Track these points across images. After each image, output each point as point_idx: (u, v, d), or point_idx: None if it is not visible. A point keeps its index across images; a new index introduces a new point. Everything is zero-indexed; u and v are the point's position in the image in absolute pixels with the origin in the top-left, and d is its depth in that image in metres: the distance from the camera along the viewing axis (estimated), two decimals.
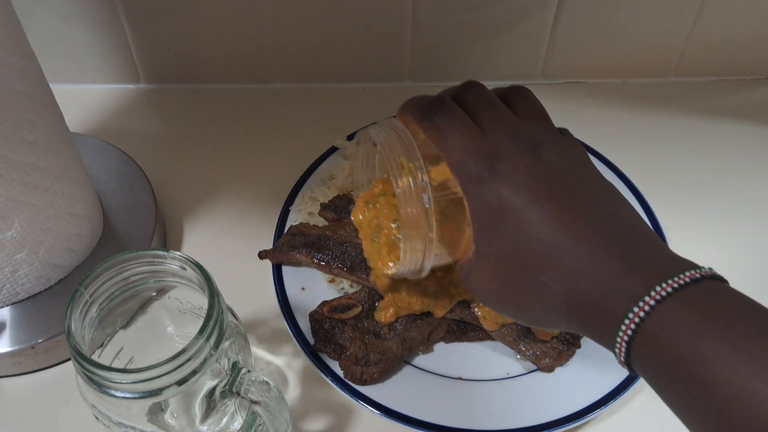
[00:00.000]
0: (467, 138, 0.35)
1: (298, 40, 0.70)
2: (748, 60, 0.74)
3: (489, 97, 0.37)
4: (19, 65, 0.44)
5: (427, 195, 0.36)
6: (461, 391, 0.48)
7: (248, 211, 0.62)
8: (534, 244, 0.33)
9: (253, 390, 0.37)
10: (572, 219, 0.33)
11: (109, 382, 0.33)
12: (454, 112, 0.36)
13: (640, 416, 0.49)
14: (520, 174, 0.34)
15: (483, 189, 0.34)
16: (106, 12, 0.67)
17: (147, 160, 0.62)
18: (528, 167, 0.34)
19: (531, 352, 0.49)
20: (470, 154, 0.34)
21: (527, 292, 0.34)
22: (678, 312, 0.29)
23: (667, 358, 0.29)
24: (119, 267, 0.37)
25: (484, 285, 0.36)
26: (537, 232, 0.33)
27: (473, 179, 0.34)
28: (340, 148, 0.63)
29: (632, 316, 0.30)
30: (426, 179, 0.36)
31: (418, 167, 0.37)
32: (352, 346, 0.48)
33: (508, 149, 0.34)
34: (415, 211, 0.37)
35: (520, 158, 0.34)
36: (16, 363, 0.50)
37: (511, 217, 0.33)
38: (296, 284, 0.53)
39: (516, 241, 0.33)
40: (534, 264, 0.33)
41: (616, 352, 0.31)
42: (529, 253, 0.33)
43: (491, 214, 0.34)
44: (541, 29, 0.70)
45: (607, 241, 0.32)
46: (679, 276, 0.30)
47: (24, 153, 0.45)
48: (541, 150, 0.35)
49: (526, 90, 0.39)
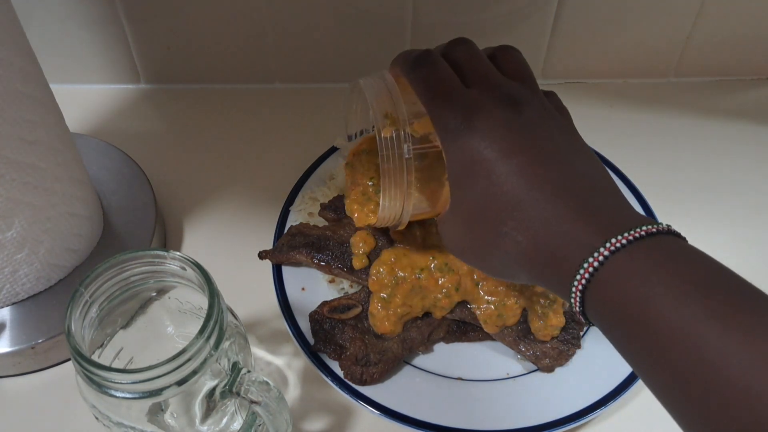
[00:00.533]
0: (449, 91, 0.36)
1: (298, 40, 0.70)
2: (748, 60, 0.74)
3: (476, 54, 0.38)
4: (19, 65, 0.44)
5: (407, 146, 0.37)
6: (461, 391, 0.48)
7: (248, 211, 0.62)
8: (500, 196, 0.34)
9: (253, 390, 0.37)
10: (537, 172, 0.34)
11: (109, 382, 0.33)
12: (439, 65, 0.37)
13: (640, 416, 0.49)
14: (495, 128, 0.34)
15: (459, 141, 0.35)
16: (106, 12, 0.67)
17: (147, 160, 0.62)
18: (504, 121, 0.35)
19: (531, 353, 0.49)
20: (450, 106, 0.35)
21: (491, 243, 0.35)
22: (631, 262, 0.30)
23: (616, 304, 0.30)
24: (119, 267, 0.37)
25: (454, 236, 0.38)
26: (504, 185, 0.34)
27: (450, 130, 0.35)
28: (340, 148, 0.63)
29: (587, 266, 0.31)
30: (408, 131, 0.37)
31: (402, 119, 0.38)
32: (352, 346, 0.48)
33: (488, 104, 0.35)
34: (394, 161, 0.38)
35: (498, 113, 0.35)
36: (16, 363, 0.50)
37: (483, 169, 0.34)
38: (296, 284, 0.53)
39: (485, 193, 0.34)
40: (499, 215, 0.34)
41: (572, 301, 0.32)
42: (495, 205, 0.34)
43: (466, 166, 0.35)
44: (541, 29, 0.70)
45: (568, 194, 0.33)
46: (635, 230, 0.30)
47: (24, 153, 0.45)
48: (520, 106, 0.35)
49: (514, 49, 0.39)
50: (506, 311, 0.48)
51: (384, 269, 0.48)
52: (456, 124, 0.35)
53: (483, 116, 0.35)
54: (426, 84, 0.37)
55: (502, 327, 0.49)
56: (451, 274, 0.48)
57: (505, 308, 0.48)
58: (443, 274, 0.48)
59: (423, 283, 0.48)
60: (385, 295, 0.48)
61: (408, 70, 0.38)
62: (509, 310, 0.48)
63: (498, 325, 0.49)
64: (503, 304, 0.48)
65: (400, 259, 0.49)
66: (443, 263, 0.48)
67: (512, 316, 0.48)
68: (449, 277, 0.48)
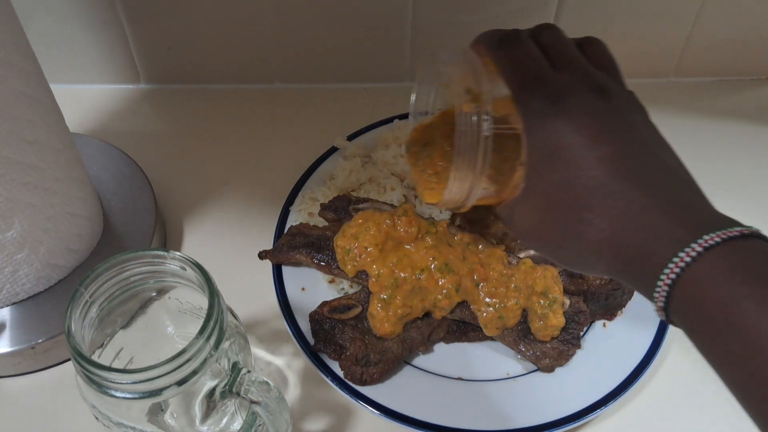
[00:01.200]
0: (537, 72, 0.35)
1: (298, 40, 0.70)
2: (748, 60, 0.74)
3: (564, 39, 0.37)
4: (19, 65, 0.44)
5: (487, 124, 0.35)
6: (461, 391, 0.48)
7: (248, 211, 0.62)
8: (585, 182, 0.33)
9: (253, 390, 0.37)
10: (626, 162, 0.33)
11: (109, 382, 0.33)
12: (528, 45, 0.36)
13: (640, 416, 0.49)
14: (584, 114, 0.33)
15: (544, 123, 0.34)
16: (106, 12, 0.67)
17: (147, 160, 0.62)
18: (593, 108, 0.34)
19: (531, 353, 0.49)
20: (537, 87, 0.34)
21: (570, 229, 0.34)
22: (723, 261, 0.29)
23: (704, 304, 0.29)
24: (119, 267, 0.37)
25: (527, 220, 0.36)
26: (590, 171, 0.33)
27: (536, 112, 0.34)
28: (340, 148, 0.63)
29: (678, 261, 0.30)
30: (488, 109, 0.36)
31: (484, 95, 0.36)
32: (352, 346, 0.48)
33: (577, 89, 0.34)
34: (471, 138, 0.36)
35: (587, 99, 0.34)
36: (16, 363, 0.50)
37: (568, 153, 0.33)
38: (296, 284, 0.53)
39: (567, 177, 0.33)
40: (582, 201, 0.33)
41: (656, 297, 0.31)
42: (579, 191, 0.33)
43: (548, 149, 0.34)
44: None
45: (657, 187, 0.32)
46: (728, 229, 0.30)
47: (24, 153, 0.45)
48: (609, 95, 0.34)
49: (600, 41, 0.38)
50: (507, 312, 0.48)
51: (384, 270, 0.48)
52: (543, 106, 0.34)
53: (572, 100, 0.34)
54: (513, 63, 0.36)
55: (503, 329, 0.49)
56: (451, 274, 0.48)
57: (506, 309, 0.48)
58: (443, 275, 0.48)
59: (423, 283, 0.48)
60: (385, 296, 0.48)
61: (495, 47, 0.37)
62: (509, 311, 0.48)
63: (498, 327, 0.49)
64: (503, 306, 0.48)
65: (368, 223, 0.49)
66: (443, 264, 0.48)
67: (512, 317, 0.48)
68: (449, 278, 0.48)
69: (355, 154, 0.62)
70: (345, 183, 0.59)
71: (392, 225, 0.49)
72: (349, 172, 0.60)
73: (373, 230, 0.49)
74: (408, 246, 0.49)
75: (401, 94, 0.74)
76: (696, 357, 0.31)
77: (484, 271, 0.49)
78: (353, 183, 0.59)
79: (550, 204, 0.35)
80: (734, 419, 0.48)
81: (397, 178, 0.60)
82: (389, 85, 0.75)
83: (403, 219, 0.50)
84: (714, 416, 0.49)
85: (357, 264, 0.49)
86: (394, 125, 0.65)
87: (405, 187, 0.59)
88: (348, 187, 0.59)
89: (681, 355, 0.51)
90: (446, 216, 0.57)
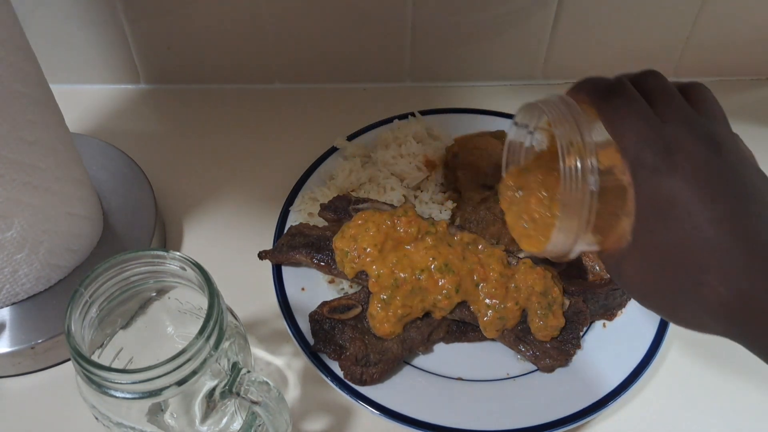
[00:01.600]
0: (645, 125, 0.34)
1: (298, 40, 0.70)
2: (748, 60, 0.74)
3: (669, 88, 0.36)
4: (19, 65, 0.44)
5: (594, 178, 0.35)
6: (461, 391, 0.48)
7: (248, 211, 0.62)
8: (700, 243, 0.32)
9: (252, 390, 0.37)
10: (741, 221, 0.32)
11: (109, 382, 0.33)
12: (633, 96, 0.35)
13: (640, 417, 0.49)
14: (697, 169, 0.32)
15: (656, 179, 0.33)
16: (106, 12, 0.67)
17: (147, 160, 0.62)
18: (706, 163, 0.33)
19: (531, 353, 0.49)
20: (647, 141, 0.33)
21: (684, 290, 0.33)
22: None
23: None
24: (119, 267, 0.37)
25: (637, 276, 0.35)
26: (707, 230, 0.32)
27: (647, 168, 0.33)
28: (340, 148, 0.63)
29: None
30: (595, 162, 0.35)
31: (589, 148, 0.35)
32: (351, 346, 0.48)
33: (687, 142, 0.33)
34: (578, 192, 0.35)
35: (699, 153, 0.33)
36: (16, 363, 0.50)
37: (682, 211, 0.32)
38: (296, 284, 0.53)
39: (682, 236, 0.32)
40: (698, 262, 0.32)
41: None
42: (695, 250, 0.32)
43: (660, 205, 0.33)
44: (541, 29, 0.70)
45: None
46: None
47: (24, 153, 0.45)
48: (720, 147, 0.33)
49: (706, 88, 0.37)
50: (507, 313, 0.48)
51: (384, 270, 0.48)
52: (653, 161, 0.33)
53: (682, 155, 0.33)
54: (620, 115, 0.34)
55: (503, 330, 0.49)
56: (451, 275, 0.48)
57: (506, 310, 0.48)
58: (443, 275, 0.48)
59: (423, 284, 0.48)
60: (385, 297, 0.48)
61: (599, 98, 0.36)
62: (509, 312, 0.48)
63: (498, 329, 0.49)
64: (503, 307, 0.48)
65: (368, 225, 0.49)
66: (443, 264, 0.48)
67: (512, 318, 0.48)
68: (449, 278, 0.48)
69: (355, 154, 0.62)
70: (345, 183, 0.59)
71: (392, 225, 0.49)
72: (349, 172, 0.60)
73: (373, 231, 0.49)
74: (408, 246, 0.49)
75: (401, 94, 0.74)
76: (696, 357, 0.31)
77: (483, 271, 0.49)
78: (353, 183, 0.59)
79: (663, 263, 0.34)
80: (734, 419, 0.48)
81: (397, 178, 0.60)
82: (389, 85, 0.75)
83: (403, 219, 0.50)
84: (714, 416, 0.49)
85: (356, 265, 0.49)
86: (394, 125, 0.65)
87: (405, 187, 0.59)
88: (348, 187, 0.59)
89: (681, 355, 0.51)
90: (446, 216, 0.57)
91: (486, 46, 0.72)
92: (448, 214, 0.57)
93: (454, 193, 0.60)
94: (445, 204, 0.58)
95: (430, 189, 0.59)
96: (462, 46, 0.72)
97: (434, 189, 0.60)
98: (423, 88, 0.75)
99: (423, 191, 0.59)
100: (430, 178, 0.60)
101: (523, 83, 0.75)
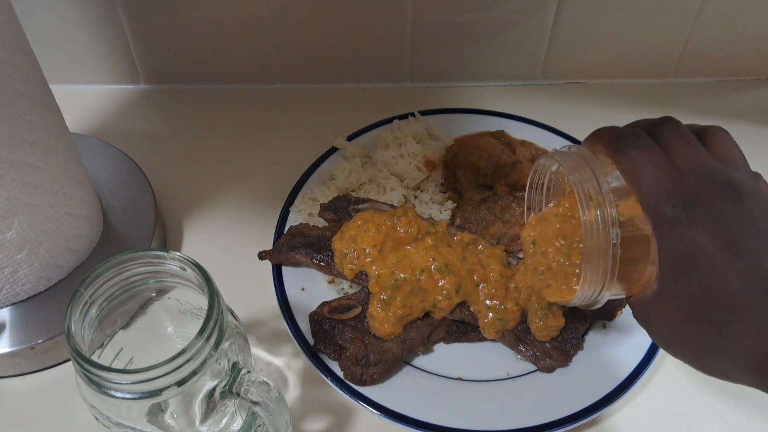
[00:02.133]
0: (663, 175, 0.33)
1: (298, 40, 0.70)
2: (748, 60, 0.74)
3: (686, 134, 0.35)
4: (19, 65, 0.44)
5: (615, 231, 0.35)
6: (461, 391, 0.48)
7: (248, 212, 0.62)
8: (725, 296, 0.32)
9: (252, 390, 0.37)
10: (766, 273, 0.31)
11: (109, 382, 0.33)
12: (650, 146, 0.34)
13: (640, 417, 0.49)
14: (718, 220, 0.32)
15: (677, 231, 0.33)
16: (106, 12, 0.67)
17: (147, 160, 0.62)
18: (727, 214, 0.32)
19: (531, 353, 0.49)
20: (666, 193, 0.33)
21: (711, 342, 0.33)
22: None
23: None
24: (119, 267, 0.37)
25: (664, 327, 0.35)
26: (731, 283, 0.31)
27: (668, 220, 0.33)
28: (340, 148, 0.63)
29: None
30: (615, 213, 0.35)
31: (608, 201, 0.35)
32: (351, 346, 0.48)
33: (707, 192, 0.33)
34: (600, 244, 0.35)
35: (720, 203, 0.32)
36: (16, 363, 0.50)
37: (705, 264, 0.32)
38: (296, 285, 0.53)
39: (706, 288, 0.32)
40: (723, 315, 0.32)
41: None
42: (720, 304, 0.32)
43: (683, 257, 0.33)
44: (541, 29, 0.70)
45: None
46: None
47: (24, 153, 0.45)
48: (741, 196, 0.33)
49: (723, 130, 0.37)
50: (507, 314, 0.48)
51: (384, 271, 0.48)
52: (674, 213, 0.33)
53: (703, 206, 0.32)
54: (636, 165, 0.34)
55: (503, 331, 0.49)
56: (451, 275, 0.48)
57: (506, 312, 0.48)
58: (443, 276, 0.48)
59: (423, 284, 0.48)
60: (385, 297, 0.48)
61: (615, 148, 0.35)
62: (510, 313, 0.48)
63: (498, 330, 0.49)
64: (504, 308, 0.48)
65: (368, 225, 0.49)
66: (443, 264, 0.48)
67: (512, 319, 0.48)
68: (449, 279, 0.48)
69: (355, 154, 0.62)
70: (345, 183, 0.59)
71: (392, 226, 0.49)
72: (349, 172, 0.60)
73: (372, 231, 0.49)
74: (408, 247, 0.49)
75: (401, 94, 0.74)
76: None
77: (484, 271, 0.49)
78: (353, 183, 0.59)
79: (687, 314, 0.33)
80: (734, 419, 0.48)
81: (397, 178, 0.60)
82: (389, 85, 0.75)
83: (403, 219, 0.50)
84: (714, 416, 0.49)
85: (355, 266, 0.49)
86: (394, 125, 0.65)
87: (405, 187, 0.59)
88: (348, 188, 0.59)
89: None
90: (446, 216, 0.57)
91: (486, 46, 0.72)
92: (448, 215, 0.57)
93: (454, 193, 0.60)
94: (445, 204, 0.58)
95: (430, 189, 0.59)
96: (462, 46, 0.72)
97: (434, 189, 0.60)
98: (423, 88, 0.75)
99: (423, 191, 0.59)
100: (430, 178, 0.60)
101: (523, 83, 0.75)
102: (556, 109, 0.72)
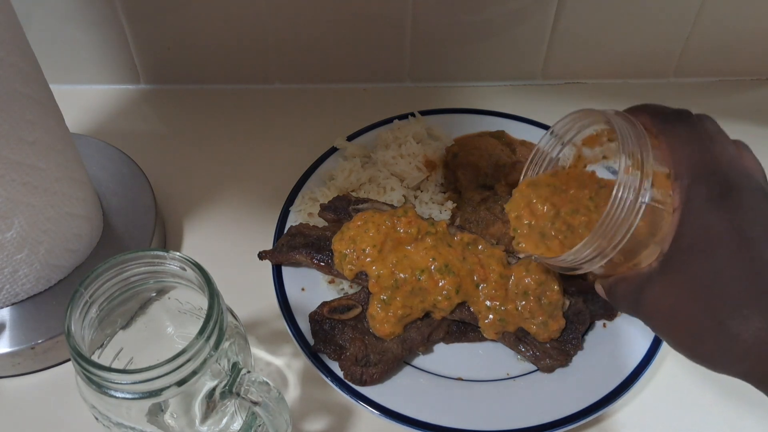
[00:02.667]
0: (707, 156, 0.34)
1: (298, 40, 0.70)
2: (748, 60, 0.74)
3: (724, 133, 0.36)
4: (19, 65, 0.44)
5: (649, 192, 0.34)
6: (461, 391, 0.48)
7: (248, 212, 0.62)
8: (737, 282, 0.32)
9: (252, 390, 0.37)
10: None
11: (109, 382, 0.33)
12: (699, 127, 0.35)
13: (640, 417, 0.49)
14: (748, 214, 0.33)
15: (707, 212, 0.33)
16: (106, 12, 0.67)
17: (147, 160, 0.62)
18: (759, 212, 0.33)
19: (531, 353, 0.49)
20: (708, 172, 0.34)
21: (707, 329, 0.33)
22: None
23: None
24: (119, 267, 0.37)
25: (660, 305, 0.35)
26: (742, 276, 0.32)
27: (701, 198, 0.33)
28: (340, 148, 0.63)
29: None
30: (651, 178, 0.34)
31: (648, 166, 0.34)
32: (351, 346, 0.48)
33: (743, 187, 0.33)
34: (623, 206, 0.34)
35: (753, 202, 0.33)
36: (16, 363, 0.50)
37: (724, 249, 0.32)
38: (296, 285, 0.53)
39: (718, 272, 0.32)
40: (730, 301, 0.32)
41: None
42: (729, 289, 0.32)
43: (704, 236, 0.33)
44: (541, 29, 0.70)
45: None
46: None
47: (24, 153, 0.45)
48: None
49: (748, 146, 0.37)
50: (507, 315, 0.48)
51: (384, 271, 0.48)
52: (709, 194, 0.33)
53: (738, 198, 0.33)
54: (682, 140, 0.35)
55: (502, 332, 0.49)
56: (451, 275, 0.48)
57: (506, 312, 0.48)
58: (443, 276, 0.48)
59: (423, 284, 0.48)
60: (385, 297, 0.48)
61: (664, 120, 0.36)
62: (510, 314, 0.48)
63: (498, 331, 0.49)
64: (504, 309, 0.48)
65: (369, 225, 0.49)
66: (443, 265, 0.48)
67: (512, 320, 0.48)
68: (449, 279, 0.48)
69: (355, 154, 0.62)
70: (345, 183, 0.59)
71: (392, 226, 0.49)
72: (349, 172, 0.60)
73: (372, 231, 0.49)
74: (408, 247, 0.49)
75: (401, 94, 0.74)
76: None
77: (484, 271, 0.49)
78: (353, 183, 0.59)
79: (690, 295, 0.33)
80: (734, 419, 0.48)
81: (397, 178, 0.60)
82: (389, 85, 0.75)
83: (403, 220, 0.50)
84: (714, 416, 0.49)
85: (354, 267, 0.49)
86: (394, 125, 0.65)
87: (405, 187, 0.59)
88: (348, 188, 0.59)
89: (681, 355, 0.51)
90: (446, 216, 0.57)
91: (486, 46, 0.72)
92: (448, 215, 0.57)
93: (454, 194, 0.60)
94: (445, 204, 0.58)
95: (430, 189, 0.59)
96: (462, 46, 0.72)
97: (434, 189, 0.60)
98: (423, 88, 0.75)
99: (423, 191, 0.59)
100: (430, 178, 0.60)
101: (523, 83, 0.75)
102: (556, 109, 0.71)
